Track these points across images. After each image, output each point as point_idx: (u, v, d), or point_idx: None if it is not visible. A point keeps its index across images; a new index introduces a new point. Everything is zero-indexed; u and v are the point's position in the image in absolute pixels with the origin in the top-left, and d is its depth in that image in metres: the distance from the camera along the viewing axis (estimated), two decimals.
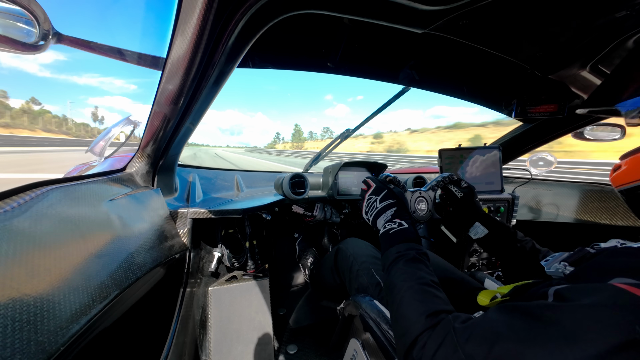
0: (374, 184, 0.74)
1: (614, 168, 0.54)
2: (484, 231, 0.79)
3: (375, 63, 1.04)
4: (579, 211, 1.38)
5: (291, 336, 1.34)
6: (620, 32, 0.71)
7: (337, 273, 1.12)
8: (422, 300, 0.49)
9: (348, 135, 1.43)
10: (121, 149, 1.25)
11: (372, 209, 0.71)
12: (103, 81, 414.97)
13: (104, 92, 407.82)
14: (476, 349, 0.37)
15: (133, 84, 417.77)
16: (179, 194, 1.11)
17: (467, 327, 0.40)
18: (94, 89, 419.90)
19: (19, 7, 0.45)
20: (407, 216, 0.65)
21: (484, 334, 0.38)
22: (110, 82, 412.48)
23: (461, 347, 0.39)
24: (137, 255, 0.63)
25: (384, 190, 0.71)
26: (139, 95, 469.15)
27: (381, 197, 0.70)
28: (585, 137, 1.26)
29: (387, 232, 0.63)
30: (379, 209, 0.69)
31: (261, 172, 1.61)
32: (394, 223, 0.64)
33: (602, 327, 0.29)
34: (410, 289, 0.51)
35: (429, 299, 0.50)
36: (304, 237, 1.76)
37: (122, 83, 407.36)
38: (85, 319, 0.43)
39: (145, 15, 6.41)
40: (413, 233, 0.62)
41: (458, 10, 0.54)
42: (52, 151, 25.53)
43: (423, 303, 0.49)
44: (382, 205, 0.69)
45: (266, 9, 0.45)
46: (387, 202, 0.69)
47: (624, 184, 0.52)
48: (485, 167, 1.29)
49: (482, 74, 1.06)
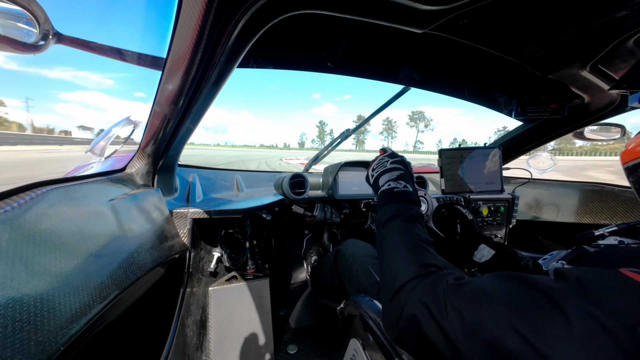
0: (390, 151, 0.76)
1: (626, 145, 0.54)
2: (490, 253, 0.78)
3: (375, 63, 1.04)
4: (579, 211, 1.38)
5: (291, 336, 1.34)
6: (620, 32, 0.71)
7: (336, 274, 1.12)
8: (418, 253, 0.50)
9: (348, 135, 1.43)
10: (121, 149, 1.25)
11: (380, 166, 0.71)
12: (77, 75, 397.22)
13: (77, 87, 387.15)
14: (465, 304, 0.37)
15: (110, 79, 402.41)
16: (179, 194, 1.11)
17: (461, 284, 0.40)
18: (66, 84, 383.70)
19: (19, 7, 0.45)
20: (412, 184, 0.66)
21: (476, 293, 0.38)
22: (85, 77, 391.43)
23: (450, 300, 0.39)
24: (137, 255, 0.63)
25: (398, 157, 0.72)
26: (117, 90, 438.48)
27: (393, 160, 0.71)
28: (585, 137, 1.26)
29: (391, 190, 0.64)
30: (387, 167, 0.70)
31: (261, 172, 1.62)
32: (399, 183, 0.64)
33: (602, 307, 0.29)
34: (407, 242, 0.52)
35: (424, 253, 0.50)
36: (313, 235, 1.76)
37: (99, 77, 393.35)
38: (86, 319, 0.43)
39: (145, 15, 6.44)
40: (415, 197, 0.62)
41: (458, 10, 0.54)
42: None
43: (418, 255, 0.49)
44: (392, 166, 0.69)
45: (266, 8, 0.45)
46: (397, 165, 0.69)
47: (631, 160, 0.52)
48: (485, 167, 1.29)
49: (482, 74, 1.06)
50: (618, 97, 1.00)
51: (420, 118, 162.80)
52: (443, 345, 0.37)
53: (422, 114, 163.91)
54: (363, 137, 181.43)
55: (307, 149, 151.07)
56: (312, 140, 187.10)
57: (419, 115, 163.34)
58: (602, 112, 1.07)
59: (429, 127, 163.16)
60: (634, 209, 1.21)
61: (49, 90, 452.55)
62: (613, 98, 1.00)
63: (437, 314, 0.39)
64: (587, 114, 1.11)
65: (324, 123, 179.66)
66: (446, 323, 0.37)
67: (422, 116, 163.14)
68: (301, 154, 54.62)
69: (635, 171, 0.51)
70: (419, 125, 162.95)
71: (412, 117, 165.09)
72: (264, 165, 17.60)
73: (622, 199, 1.25)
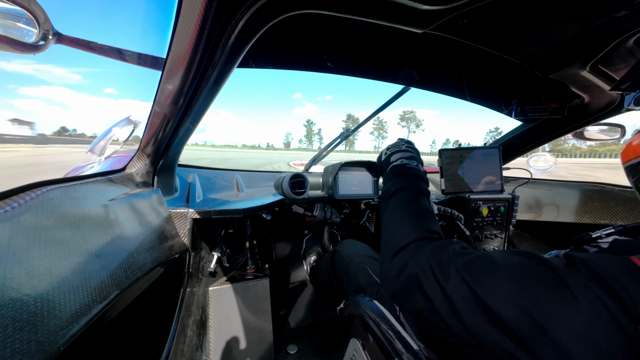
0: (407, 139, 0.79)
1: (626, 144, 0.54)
2: None
3: (375, 63, 1.04)
4: (579, 211, 1.38)
5: (291, 336, 1.34)
6: (620, 32, 0.71)
7: (334, 275, 1.12)
8: (424, 220, 0.50)
9: (348, 135, 1.43)
10: (121, 149, 1.25)
11: (395, 147, 0.73)
12: (39, 69, 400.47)
13: (39, 82, 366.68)
14: (468, 270, 0.37)
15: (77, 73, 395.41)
16: (179, 194, 1.11)
17: (467, 252, 0.41)
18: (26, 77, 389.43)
19: (19, 7, 0.45)
20: (422, 166, 0.68)
21: (482, 262, 0.38)
22: (48, 71, 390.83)
23: (454, 264, 0.39)
24: (137, 255, 0.63)
25: (413, 145, 0.75)
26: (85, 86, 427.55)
27: (408, 145, 0.73)
28: (585, 137, 1.26)
29: (403, 165, 0.65)
30: (402, 149, 0.71)
31: (261, 172, 1.62)
32: (411, 162, 0.66)
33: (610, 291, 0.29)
34: (415, 209, 0.53)
35: (430, 222, 0.51)
36: (312, 235, 1.76)
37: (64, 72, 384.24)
38: (86, 319, 0.43)
39: (145, 15, 6.40)
40: (425, 176, 0.64)
41: (458, 10, 0.54)
42: None
43: (424, 222, 0.50)
44: (406, 148, 0.72)
45: (266, 8, 0.45)
46: (411, 149, 0.72)
47: (631, 159, 0.52)
48: (485, 167, 1.29)
49: (482, 74, 1.06)
50: (618, 97, 1.00)
51: (412, 118, 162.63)
52: (442, 304, 0.38)
53: (413, 114, 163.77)
54: (353, 137, 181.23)
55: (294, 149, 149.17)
56: (300, 141, 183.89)
57: (410, 115, 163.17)
58: (602, 112, 1.07)
59: (420, 127, 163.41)
60: (635, 209, 1.21)
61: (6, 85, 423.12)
62: (613, 98, 1.00)
63: (439, 276, 0.39)
64: (587, 114, 1.11)
65: (312, 122, 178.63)
66: (447, 285, 0.38)
67: (414, 116, 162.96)
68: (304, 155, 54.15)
69: (635, 170, 0.51)
70: (410, 126, 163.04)
71: (403, 117, 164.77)
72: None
73: (622, 198, 1.25)
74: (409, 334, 0.64)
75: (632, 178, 0.52)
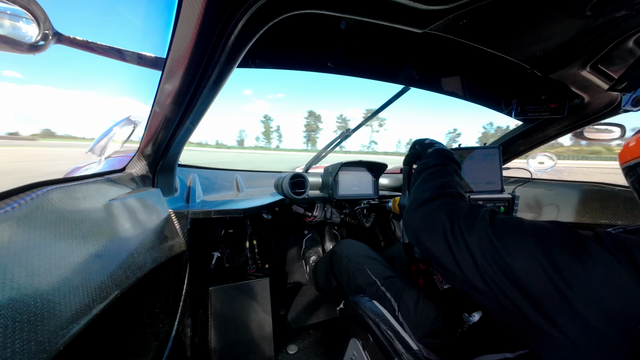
0: None
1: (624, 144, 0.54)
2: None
3: (375, 62, 1.04)
4: (579, 211, 1.38)
5: (291, 336, 1.34)
6: (620, 32, 0.71)
7: (333, 275, 1.12)
8: (456, 188, 0.55)
9: (348, 135, 1.43)
10: (121, 149, 1.25)
11: (436, 141, 0.78)
12: None
13: None
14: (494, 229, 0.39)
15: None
16: (179, 194, 1.11)
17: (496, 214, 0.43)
18: None
19: (19, 7, 0.45)
20: None
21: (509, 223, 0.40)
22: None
23: (480, 221, 0.41)
24: (137, 255, 0.63)
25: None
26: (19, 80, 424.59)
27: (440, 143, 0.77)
28: (585, 136, 1.26)
29: (447, 151, 0.70)
30: (438, 141, 0.77)
31: (261, 172, 1.62)
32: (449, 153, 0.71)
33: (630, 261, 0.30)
34: (449, 180, 0.57)
35: (461, 191, 0.55)
36: (312, 235, 1.76)
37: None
38: (86, 319, 0.43)
39: (145, 15, 6.42)
40: (459, 166, 0.68)
41: (458, 10, 0.54)
42: None
43: (456, 189, 0.54)
44: (440, 143, 0.77)
45: (266, 8, 0.45)
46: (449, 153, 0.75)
47: (629, 159, 0.52)
48: (485, 167, 1.29)
49: (482, 74, 1.06)
50: (618, 97, 1.00)
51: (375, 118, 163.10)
52: (462, 253, 0.40)
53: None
54: (315, 135, 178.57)
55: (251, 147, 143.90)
56: (257, 138, 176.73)
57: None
58: (602, 112, 1.07)
59: (382, 126, 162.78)
60: (635, 209, 1.21)
61: None
62: (613, 98, 1.00)
63: (464, 228, 0.42)
64: (587, 114, 1.11)
65: (270, 118, 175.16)
66: (470, 238, 0.40)
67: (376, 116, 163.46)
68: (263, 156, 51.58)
69: (633, 171, 0.51)
70: (373, 125, 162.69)
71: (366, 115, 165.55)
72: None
73: (622, 198, 1.25)
74: (408, 334, 0.64)
75: (630, 179, 0.53)
